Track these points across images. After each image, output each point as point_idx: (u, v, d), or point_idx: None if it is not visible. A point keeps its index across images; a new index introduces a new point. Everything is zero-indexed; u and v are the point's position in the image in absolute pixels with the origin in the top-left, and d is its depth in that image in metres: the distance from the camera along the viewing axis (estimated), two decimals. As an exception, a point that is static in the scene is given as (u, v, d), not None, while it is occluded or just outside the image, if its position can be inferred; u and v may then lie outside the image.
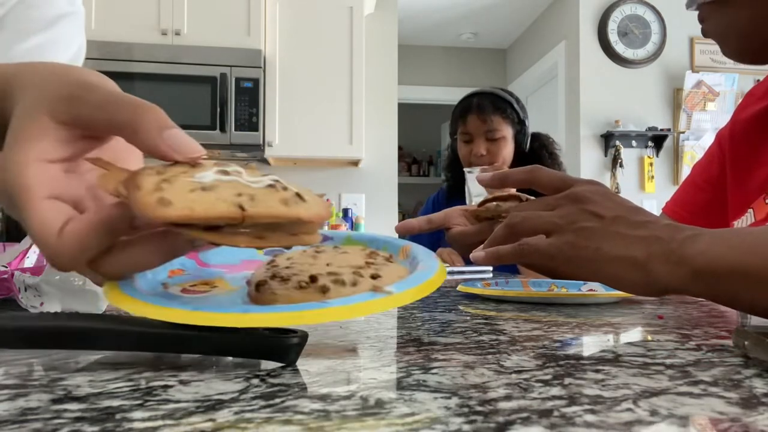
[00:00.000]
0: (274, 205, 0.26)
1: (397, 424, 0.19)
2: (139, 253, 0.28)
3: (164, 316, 0.26)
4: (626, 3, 3.41)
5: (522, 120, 1.56)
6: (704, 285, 0.36)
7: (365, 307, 0.29)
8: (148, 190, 0.24)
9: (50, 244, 0.26)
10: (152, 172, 0.26)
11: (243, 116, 2.57)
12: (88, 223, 0.26)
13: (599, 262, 0.39)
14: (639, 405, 0.21)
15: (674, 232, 0.38)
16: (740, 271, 0.35)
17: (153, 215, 0.24)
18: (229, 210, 0.24)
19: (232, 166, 0.28)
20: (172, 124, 0.28)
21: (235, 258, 0.38)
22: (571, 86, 3.54)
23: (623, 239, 0.39)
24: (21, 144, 0.27)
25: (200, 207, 0.24)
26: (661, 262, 0.37)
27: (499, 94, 1.56)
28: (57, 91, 0.28)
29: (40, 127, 0.27)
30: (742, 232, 0.38)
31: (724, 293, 0.37)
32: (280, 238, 0.27)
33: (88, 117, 0.28)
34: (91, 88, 0.28)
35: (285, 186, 0.28)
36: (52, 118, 0.27)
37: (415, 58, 4.64)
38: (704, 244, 0.36)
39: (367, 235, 0.42)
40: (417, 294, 0.31)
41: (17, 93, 0.29)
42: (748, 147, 0.71)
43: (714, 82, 3.36)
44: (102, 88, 0.28)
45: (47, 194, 0.27)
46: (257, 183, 0.27)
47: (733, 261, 0.35)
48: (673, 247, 0.37)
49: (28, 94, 0.28)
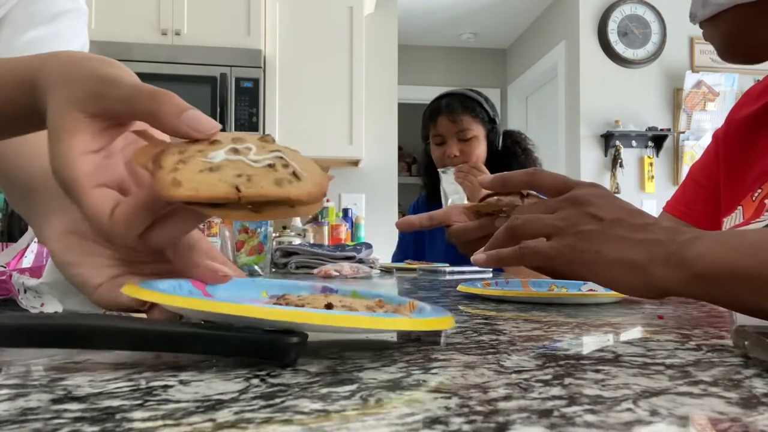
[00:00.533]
0: (266, 185, 0.29)
1: (397, 424, 0.19)
2: (176, 223, 0.33)
3: (189, 304, 0.28)
4: (626, 3, 3.41)
5: (492, 118, 1.56)
6: (704, 288, 0.36)
7: (380, 322, 0.30)
8: (166, 170, 0.28)
9: (103, 227, 0.30)
10: (175, 150, 0.29)
11: (243, 116, 2.57)
12: (134, 206, 0.30)
13: (599, 265, 0.39)
14: (639, 405, 0.21)
15: (674, 235, 0.38)
16: (741, 274, 0.35)
17: (165, 195, 0.28)
18: (227, 191, 0.28)
19: (246, 141, 0.31)
20: (188, 106, 0.31)
21: (241, 295, 0.39)
22: (571, 86, 3.54)
23: (623, 242, 0.39)
24: (63, 140, 0.30)
25: (203, 188, 0.28)
26: (661, 265, 0.37)
27: (467, 94, 1.56)
28: (83, 88, 0.31)
29: (76, 123, 0.30)
30: (742, 234, 0.38)
31: (724, 296, 0.37)
32: (276, 212, 0.30)
33: (113, 110, 0.31)
34: (113, 83, 0.31)
35: (286, 163, 0.30)
36: (84, 113, 0.31)
37: (415, 58, 4.64)
38: (704, 247, 0.36)
39: (373, 292, 0.43)
40: (433, 324, 0.32)
41: (47, 89, 0.32)
42: (742, 147, 0.72)
43: (714, 82, 3.36)
44: (122, 81, 0.31)
45: (95, 183, 0.30)
46: (260, 162, 0.30)
47: (734, 263, 0.35)
48: (673, 250, 0.37)
49: (58, 91, 0.31)
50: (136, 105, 0.31)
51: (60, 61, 0.33)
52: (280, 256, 1.28)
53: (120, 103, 0.31)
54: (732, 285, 0.35)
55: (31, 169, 0.42)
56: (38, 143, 0.43)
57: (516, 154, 1.57)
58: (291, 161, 0.30)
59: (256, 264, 1.09)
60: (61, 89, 0.31)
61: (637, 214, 0.41)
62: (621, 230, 0.39)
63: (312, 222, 2.76)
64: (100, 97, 0.31)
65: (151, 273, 0.37)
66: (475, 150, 1.51)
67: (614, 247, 0.39)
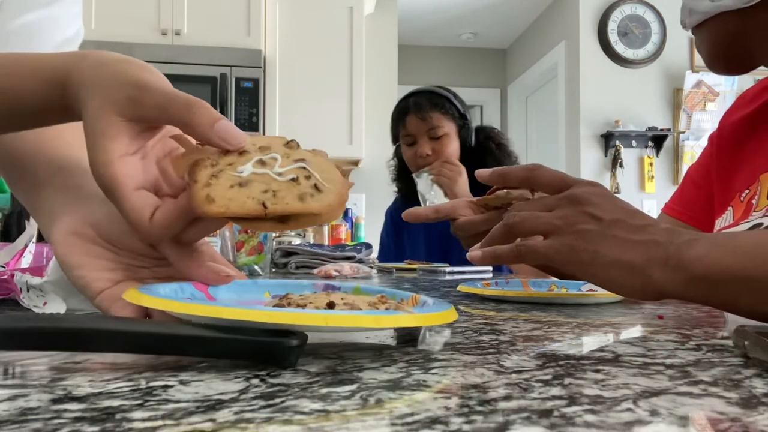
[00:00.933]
0: (290, 201, 0.31)
1: (397, 424, 0.19)
2: (208, 224, 0.35)
3: (189, 309, 0.28)
4: (626, 3, 3.41)
5: (463, 114, 1.50)
6: (702, 290, 0.36)
7: (382, 320, 0.30)
8: (201, 184, 0.31)
9: (143, 229, 0.32)
10: (208, 163, 0.32)
11: (243, 116, 2.57)
12: (174, 211, 0.33)
13: (597, 265, 0.39)
14: (639, 405, 0.21)
15: (672, 237, 0.38)
16: (739, 277, 0.35)
17: (200, 211, 0.31)
18: (255, 209, 0.31)
19: (272, 149, 0.34)
20: (220, 116, 0.33)
21: (243, 296, 0.40)
22: (571, 86, 3.54)
23: (621, 243, 0.39)
24: (103, 144, 0.31)
25: (233, 206, 0.31)
26: (658, 267, 0.37)
27: (435, 91, 1.51)
28: (118, 93, 0.32)
29: (114, 127, 0.32)
30: (740, 236, 0.38)
31: (721, 298, 0.37)
32: (301, 222, 0.32)
33: (148, 116, 0.33)
34: (147, 89, 0.32)
35: (309, 174, 0.32)
36: (121, 117, 0.32)
37: (415, 58, 4.64)
38: (702, 249, 0.36)
39: (375, 288, 0.44)
40: (437, 319, 0.32)
41: (82, 91, 0.33)
42: (733, 149, 0.72)
43: (714, 82, 3.36)
44: (156, 88, 0.32)
45: (134, 186, 0.32)
46: (284, 177, 0.32)
47: (732, 266, 0.35)
48: (671, 252, 0.37)
49: (95, 94, 0.33)
50: (170, 113, 0.32)
51: (93, 61, 0.34)
52: (280, 256, 1.28)
53: (154, 110, 0.32)
54: (730, 287, 0.35)
55: (43, 165, 0.43)
56: (53, 139, 0.44)
57: (490, 150, 1.53)
58: (314, 171, 0.32)
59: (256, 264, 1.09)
60: (98, 92, 0.32)
61: (636, 215, 0.41)
62: (619, 231, 0.39)
63: (312, 222, 2.76)
64: (136, 103, 0.32)
65: (152, 277, 0.38)
66: (446, 148, 1.46)
67: (612, 248, 0.39)
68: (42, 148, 0.44)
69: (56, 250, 0.36)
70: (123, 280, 0.36)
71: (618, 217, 0.40)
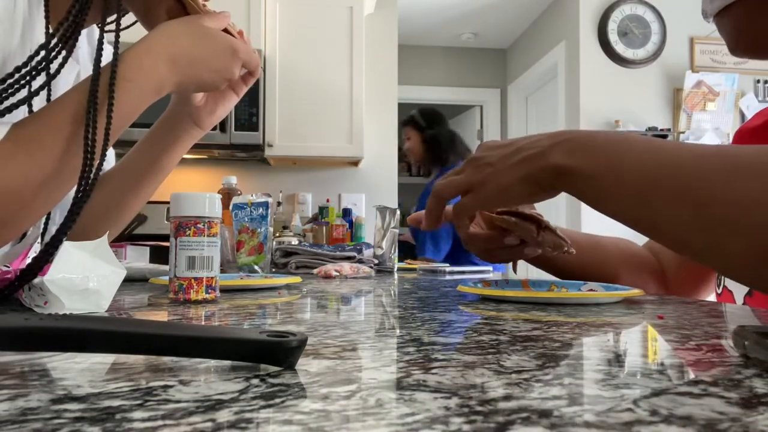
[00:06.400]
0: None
1: (397, 424, 0.19)
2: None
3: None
4: (626, 3, 3.41)
5: (425, 126, 2.69)
6: (574, 184, 0.48)
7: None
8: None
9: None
10: None
11: (243, 116, 2.57)
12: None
13: (503, 192, 0.53)
14: (639, 405, 0.21)
15: (538, 141, 0.51)
16: (593, 175, 0.45)
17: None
18: None
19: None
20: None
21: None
22: (571, 86, 3.54)
23: (510, 169, 0.52)
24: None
25: None
26: (538, 171, 0.50)
27: (410, 115, 2.73)
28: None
29: None
30: (611, 136, 0.47)
31: (590, 192, 0.47)
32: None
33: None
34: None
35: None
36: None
37: (415, 58, 4.64)
38: (560, 155, 0.48)
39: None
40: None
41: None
42: None
43: (714, 82, 3.36)
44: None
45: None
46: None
47: (594, 165, 0.45)
48: (543, 160, 0.49)
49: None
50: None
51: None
52: (280, 256, 1.28)
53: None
54: (589, 184, 0.46)
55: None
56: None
57: (446, 145, 2.67)
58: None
59: (256, 264, 1.09)
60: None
61: (512, 145, 0.54)
62: (505, 163, 0.53)
63: (312, 222, 2.76)
64: None
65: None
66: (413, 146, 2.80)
67: (506, 174, 0.52)
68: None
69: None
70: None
71: (501, 154, 0.54)
